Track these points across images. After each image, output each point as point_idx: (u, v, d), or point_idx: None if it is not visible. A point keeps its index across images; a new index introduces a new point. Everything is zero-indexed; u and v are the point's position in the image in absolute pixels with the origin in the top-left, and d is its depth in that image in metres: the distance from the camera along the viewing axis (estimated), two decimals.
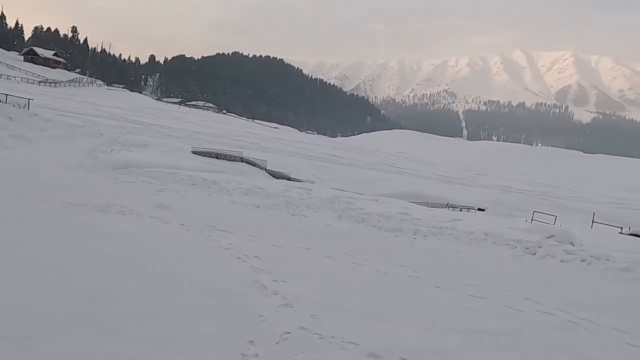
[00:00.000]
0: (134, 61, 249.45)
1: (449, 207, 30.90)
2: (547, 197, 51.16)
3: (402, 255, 9.40)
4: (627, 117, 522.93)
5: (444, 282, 7.36)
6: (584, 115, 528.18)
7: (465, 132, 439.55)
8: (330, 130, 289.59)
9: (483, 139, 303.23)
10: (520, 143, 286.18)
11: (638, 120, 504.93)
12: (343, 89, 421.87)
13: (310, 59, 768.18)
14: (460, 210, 29.44)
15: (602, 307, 7.30)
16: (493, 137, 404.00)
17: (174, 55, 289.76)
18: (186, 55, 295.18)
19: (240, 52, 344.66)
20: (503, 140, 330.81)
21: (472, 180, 58.61)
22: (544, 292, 7.75)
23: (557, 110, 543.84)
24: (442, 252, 10.70)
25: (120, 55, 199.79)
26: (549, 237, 15.76)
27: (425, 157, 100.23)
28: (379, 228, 13.47)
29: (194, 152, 29.31)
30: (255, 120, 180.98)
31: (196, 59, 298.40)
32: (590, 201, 53.34)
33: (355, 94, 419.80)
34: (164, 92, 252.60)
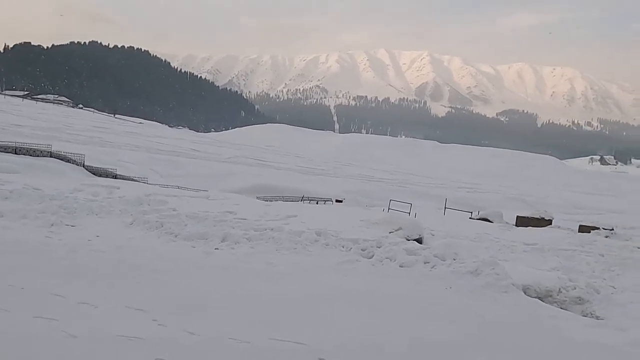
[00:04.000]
0: None
1: (304, 199, 28.58)
2: (406, 184, 52.19)
3: (161, 286, 5.94)
4: (474, 111, 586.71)
5: (194, 336, 4.04)
6: (439, 109, 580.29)
7: (337, 126, 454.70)
8: (203, 125, 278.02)
9: (353, 132, 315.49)
10: (387, 135, 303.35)
11: (483, 114, 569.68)
12: (216, 83, 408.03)
13: (179, 51, 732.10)
14: (317, 203, 27.25)
15: (441, 349, 4.64)
16: (362, 130, 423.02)
17: (17, 43, 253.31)
18: (33, 43, 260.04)
19: (98, 42, 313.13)
20: (371, 133, 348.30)
21: (337, 171, 57.97)
22: (350, 330, 4.87)
23: (417, 105, 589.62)
24: (243, 267, 7.50)
25: None
26: (396, 230, 13.69)
27: (295, 150, 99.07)
28: (175, 236, 9.92)
29: None
30: (116, 116, 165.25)
31: (45, 47, 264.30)
32: (445, 187, 55.86)
33: (228, 88, 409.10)
34: (5, 84, 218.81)
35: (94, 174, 23.73)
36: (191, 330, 4.49)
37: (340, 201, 31.98)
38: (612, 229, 19.75)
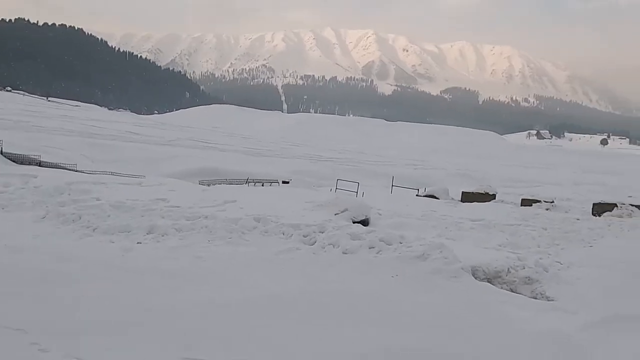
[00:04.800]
0: None
1: (249, 182, 27.58)
2: (354, 163, 52.10)
3: (55, 297, 4.95)
4: (419, 89, 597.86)
5: None
6: (386, 88, 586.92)
7: (285, 106, 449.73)
8: (145, 107, 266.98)
9: (301, 112, 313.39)
10: (335, 114, 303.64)
11: (427, 92, 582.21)
12: (157, 63, 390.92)
13: (116, 30, 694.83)
14: (262, 185, 26.34)
15: None
16: (311, 109, 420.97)
17: None
18: None
19: (26, 19, 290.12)
20: (319, 113, 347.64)
21: (285, 152, 57.01)
22: (274, 347, 4.16)
23: (364, 84, 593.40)
24: (165, 266, 6.59)
25: None
26: (342, 212, 13.15)
27: (242, 131, 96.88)
28: (94, 230, 8.82)
29: None
30: (50, 99, 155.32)
31: None
32: (392, 165, 56.31)
33: (171, 68, 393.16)
34: None
35: (14, 161, 21.57)
36: (79, 355, 3.61)
37: (287, 182, 31.19)
38: (553, 202, 20.17)
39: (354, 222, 12.56)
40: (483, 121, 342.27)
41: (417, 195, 23.74)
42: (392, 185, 29.73)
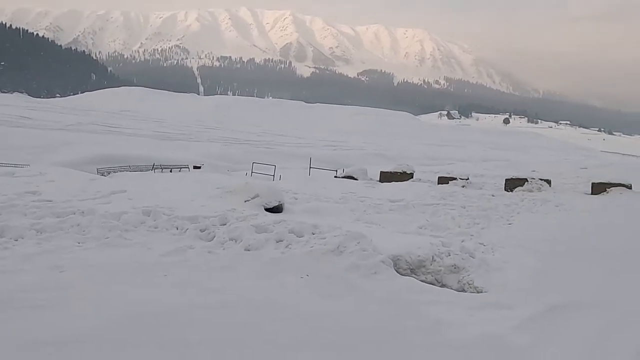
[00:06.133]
0: None
1: (155, 168, 25.27)
2: (273, 145, 50.64)
3: None
4: (337, 72, 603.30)
5: None
6: (304, 70, 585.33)
7: (201, 89, 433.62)
8: (45, 90, 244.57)
9: (219, 94, 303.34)
10: (253, 97, 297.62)
11: (345, 74, 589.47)
12: (57, 42, 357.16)
13: (7, 4, 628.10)
14: (171, 171, 24.22)
15: None
16: (229, 92, 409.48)
17: None
18: None
19: None
20: (238, 95, 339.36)
21: (200, 136, 54.14)
22: None
23: (283, 66, 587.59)
24: (2, 284, 4.95)
25: None
26: (253, 198, 11.89)
27: (154, 114, 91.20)
28: None
29: None
30: None
31: None
32: (311, 146, 55.59)
33: (74, 48, 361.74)
34: None
35: None
36: None
37: (199, 167, 29.11)
38: (467, 178, 20.30)
39: (266, 209, 11.39)
40: (398, 102, 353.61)
41: (335, 176, 22.97)
42: (310, 167, 28.79)
